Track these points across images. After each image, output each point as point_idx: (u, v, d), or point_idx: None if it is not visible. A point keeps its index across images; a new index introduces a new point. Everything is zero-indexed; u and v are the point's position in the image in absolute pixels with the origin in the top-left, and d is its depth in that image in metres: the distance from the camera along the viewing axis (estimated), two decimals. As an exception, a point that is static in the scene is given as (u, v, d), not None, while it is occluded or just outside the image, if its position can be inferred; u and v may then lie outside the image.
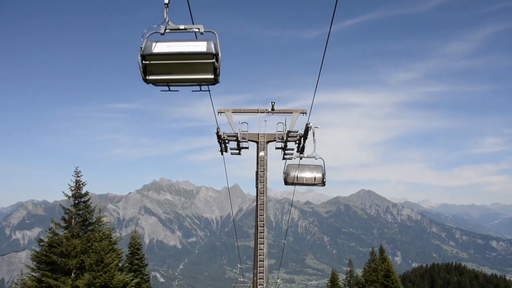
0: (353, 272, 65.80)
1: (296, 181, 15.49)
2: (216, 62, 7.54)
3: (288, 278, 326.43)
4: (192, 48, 7.47)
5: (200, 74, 7.70)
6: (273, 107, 16.82)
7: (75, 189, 23.14)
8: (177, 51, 7.43)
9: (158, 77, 7.76)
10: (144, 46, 7.43)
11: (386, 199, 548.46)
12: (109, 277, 21.04)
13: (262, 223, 16.03)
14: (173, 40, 7.49)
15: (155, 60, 7.49)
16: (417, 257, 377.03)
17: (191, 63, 7.52)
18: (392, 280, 45.90)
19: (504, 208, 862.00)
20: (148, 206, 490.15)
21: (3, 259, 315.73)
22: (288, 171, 15.71)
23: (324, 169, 15.58)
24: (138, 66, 7.57)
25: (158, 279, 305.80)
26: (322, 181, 15.51)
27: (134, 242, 35.25)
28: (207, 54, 7.41)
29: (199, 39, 7.52)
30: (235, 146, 17.02)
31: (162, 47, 7.42)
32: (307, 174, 15.53)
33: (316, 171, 15.54)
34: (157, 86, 7.96)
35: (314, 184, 15.57)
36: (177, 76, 7.78)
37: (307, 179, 15.50)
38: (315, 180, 15.47)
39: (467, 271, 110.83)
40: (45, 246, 22.09)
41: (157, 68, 7.63)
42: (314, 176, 15.48)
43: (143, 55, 7.46)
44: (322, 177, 15.48)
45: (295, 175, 15.48)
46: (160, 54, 7.41)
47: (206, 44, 7.41)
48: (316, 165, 15.60)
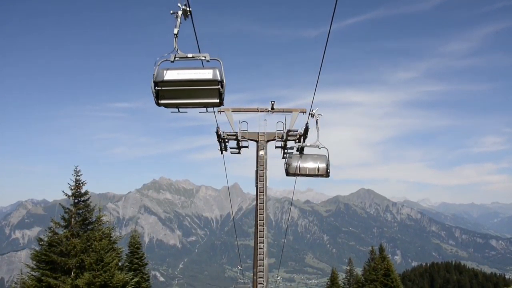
0: (352, 271, 65.81)
1: (298, 172, 14.54)
2: (221, 88, 8.39)
3: (288, 277, 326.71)
4: (200, 76, 8.31)
5: (207, 98, 8.53)
6: (273, 106, 16.81)
7: (75, 188, 23.13)
8: (186, 78, 8.27)
9: (169, 101, 8.62)
10: (156, 73, 8.25)
11: (385, 198, 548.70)
12: (109, 276, 21.03)
13: (262, 222, 16.03)
14: (182, 68, 8.32)
15: (167, 86, 8.31)
16: (416, 256, 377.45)
17: (199, 89, 8.35)
18: (391, 279, 45.93)
19: (503, 207, 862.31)
20: (148, 205, 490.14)
21: (3, 258, 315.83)
22: (290, 161, 14.75)
23: (328, 159, 14.60)
24: (151, 91, 8.39)
25: (158, 278, 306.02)
26: (326, 171, 14.55)
27: (134, 241, 35.25)
28: (213, 81, 8.23)
29: (205, 67, 8.39)
30: (235, 145, 17.02)
31: (173, 75, 8.27)
32: (310, 164, 14.54)
33: (319, 161, 14.57)
34: (168, 109, 8.78)
35: (318, 175, 14.60)
36: (186, 101, 8.65)
37: (310, 170, 14.52)
38: (319, 170, 14.52)
39: (467, 270, 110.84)
40: (44, 245, 22.07)
41: (168, 93, 8.46)
42: (317, 166, 14.52)
43: (155, 81, 8.30)
44: (326, 167, 14.53)
45: (297, 166, 14.53)
46: (171, 81, 8.26)
47: (212, 72, 8.24)
48: (319, 154, 14.66)
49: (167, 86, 8.35)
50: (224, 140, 16.57)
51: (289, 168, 14.64)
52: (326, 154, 14.51)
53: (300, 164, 14.48)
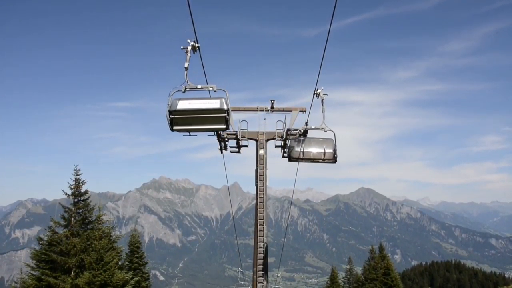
0: (352, 270, 65.87)
1: (302, 157, 13.24)
2: (227, 115, 9.76)
3: (288, 276, 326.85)
4: (208, 105, 9.70)
5: (214, 124, 9.93)
6: (272, 105, 16.79)
7: (75, 188, 23.11)
8: (197, 107, 9.63)
9: (182, 127, 10.04)
10: (170, 103, 9.66)
11: (385, 197, 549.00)
12: (108, 276, 21.04)
13: (261, 221, 16.04)
14: (193, 98, 9.73)
15: (179, 115, 9.68)
16: (416, 255, 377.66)
17: (208, 117, 9.73)
18: (391, 278, 45.99)
19: (503, 206, 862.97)
20: (147, 204, 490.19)
21: (3, 257, 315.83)
22: (292, 145, 13.43)
23: (335, 143, 13.35)
24: (166, 119, 9.81)
25: (158, 277, 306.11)
26: (333, 156, 13.27)
27: (133, 240, 35.25)
28: (220, 109, 9.62)
29: (213, 97, 9.82)
30: (235, 145, 17.01)
31: (185, 105, 9.64)
32: (315, 149, 13.27)
33: (326, 145, 13.27)
34: (181, 133, 10.32)
35: (324, 160, 13.29)
36: (196, 126, 10.06)
37: (315, 155, 13.22)
38: (325, 155, 13.19)
39: (467, 268, 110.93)
40: (44, 244, 22.07)
41: (181, 120, 9.83)
42: (323, 151, 13.19)
43: (170, 111, 9.68)
44: (333, 152, 13.25)
45: (300, 150, 13.22)
46: (183, 110, 9.64)
47: (219, 102, 9.64)
48: (325, 138, 13.44)
49: (180, 115, 9.68)
50: (224, 140, 16.56)
51: (292, 152, 13.38)
52: (332, 137, 13.36)
53: (304, 148, 13.22)
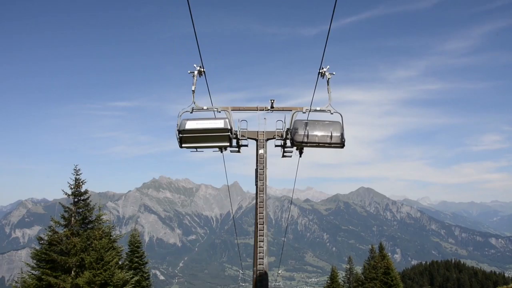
0: (352, 269, 65.90)
1: (306, 140, 12.25)
2: (230, 134, 11.46)
3: (288, 276, 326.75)
4: (214, 125, 11.29)
5: (219, 142, 11.53)
6: (272, 105, 16.78)
7: (75, 187, 23.09)
8: (203, 127, 11.14)
9: (190, 144, 11.55)
10: (180, 123, 11.15)
11: (385, 197, 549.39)
12: (109, 275, 21.05)
13: (262, 220, 16.03)
14: (200, 118, 11.16)
15: (188, 134, 11.18)
16: (416, 254, 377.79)
17: (213, 135, 11.23)
18: (391, 277, 45.99)
19: (503, 205, 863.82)
20: (147, 204, 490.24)
21: (3, 257, 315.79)
22: (296, 128, 12.44)
23: (342, 126, 12.32)
24: (176, 137, 11.20)
25: (158, 276, 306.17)
26: (341, 140, 12.24)
27: (134, 240, 35.22)
28: (224, 129, 11.28)
29: (217, 117, 11.38)
30: (235, 144, 17.01)
31: (193, 125, 11.13)
32: (321, 132, 12.26)
33: (332, 128, 12.27)
34: (188, 149, 11.65)
35: (330, 144, 12.24)
36: (203, 144, 11.53)
37: (320, 138, 12.22)
38: (331, 139, 12.17)
39: (466, 268, 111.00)
40: (45, 244, 22.06)
41: (189, 138, 11.32)
42: (329, 134, 12.18)
43: (179, 130, 11.15)
44: (340, 136, 12.20)
45: (304, 133, 12.23)
46: (191, 130, 11.13)
47: (223, 122, 11.35)
48: (332, 121, 12.48)
49: (188, 134, 11.17)
50: (223, 139, 16.57)
51: (295, 135, 12.39)
52: (339, 120, 12.33)
53: (308, 131, 12.16)
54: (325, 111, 12.00)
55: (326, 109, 12.04)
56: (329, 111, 12.02)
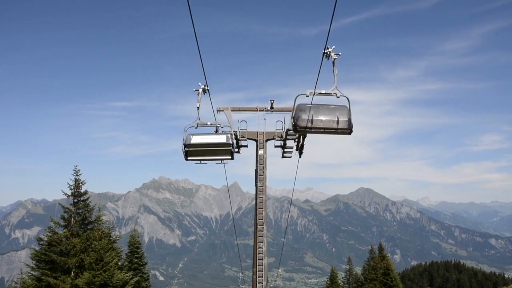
0: (352, 270, 65.86)
1: (310, 125, 11.02)
2: (232, 148, 12.27)
3: (288, 276, 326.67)
4: (217, 140, 12.20)
5: (221, 155, 12.46)
6: (272, 105, 16.79)
7: (74, 188, 23.06)
8: (207, 142, 12.05)
9: (195, 157, 12.50)
10: (185, 138, 12.15)
11: (385, 197, 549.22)
12: (108, 276, 21.02)
13: (261, 221, 16.02)
14: (204, 133, 12.20)
15: (193, 148, 12.10)
16: (416, 255, 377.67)
17: (216, 149, 12.14)
18: (391, 278, 45.98)
19: (503, 205, 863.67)
20: (147, 204, 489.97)
21: (3, 258, 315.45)
22: (299, 113, 11.14)
23: (349, 110, 11.34)
24: (181, 151, 12.15)
25: (157, 277, 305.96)
26: (348, 125, 11.24)
27: (133, 240, 35.20)
28: (226, 143, 12.16)
29: (220, 133, 12.35)
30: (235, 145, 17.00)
31: (197, 139, 12.05)
32: (326, 117, 11.12)
33: (339, 113, 11.16)
34: (193, 161, 12.63)
35: (337, 130, 11.14)
36: (207, 157, 12.46)
37: (326, 123, 11.07)
38: (338, 124, 11.07)
39: (466, 268, 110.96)
40: (44, 244, 22.02)
41: (194, 152, 12.24)
42: (336, 119, 11.07)
43: (185, 144, 12.09)
44: (348, 120, 11.20)
45: (309, 118, 10.99)
46: (196, 144, 12.05)
47: (226, 137, 12.28)
48: (338, 105, 11.40)
49: (193, 148, 12.08)
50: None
51: (298, 121, 11.11)
52: (347, 104, 11.30)
53: (313, 116, 10.97)
54: (331, 95, 10.69)
55: (332, 93, 10.67)
56: (335, 95, 10.70)
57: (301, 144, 16.43)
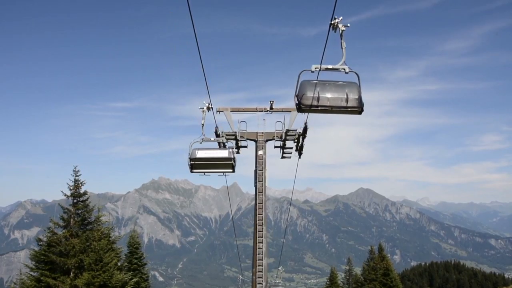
0: (352, 270, 65.82)
1: (317, 104, 9.44)
2: (234, 162, 13.40)
3: (287, 277, 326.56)
4: (220, 154, 13.37)
5: (223, 169, 13.61)
6: (272, 106, 16.79)
7: (74, 188, 23.03)
8: (211, 156, 13.23)
9: (199, 170, 13.73)
10: (191, 152, 13.29)
11: (384, 198, 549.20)
12: (108, 276, 20.99)
13: (261, 222, 16.01)
14: (208, 148, 13.46)
15: (197, 161, 13.28)
16: (416, 255, 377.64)
17: (219, 163, 13.33)
18: (391, 279, 45.97)
19: (503, 206, 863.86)
20: (147, 205, 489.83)
21: (2, 258, 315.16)
22: (304, 90, 9.50)
23: (359, 86, 9.69)
24: (187, 164, 13.36)
25: (157, 278, 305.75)
26: (359, 103, 9.55)
27: (133, 241, 35.15)
28: (228, 158, 13.30)
29: (222, 148, 13.65)
30: (234, 145, 17.00)
31: (202, 154, 13.21)
32: (334, 94, 9.51)
33: (348, 90, 9.53)
34: (198, 173, 14.02)
35: (346, 108, 9.53)
36: (210, 170, 13.67)
37: (334, 101, 9.45)
38: (347, 102, 9.46)
39: (466, 269, 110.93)
40: (44, 245, 21.98)
41: (198, 165, 13.43)
42: (345, 96, 9.45)
43: (190, 158, 13.23)
44: (358, 98, 9.53)
45: (314, 95, 9.39)
46: (201, 158, 13.22)
47: (227, 152, 13.46)
48: (346, 81, 9.78)
49: (198, 161, 13.23)
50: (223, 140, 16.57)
51: (303, 99, 9.49)
52: (356, 81, 9.72)
53: (319, 93, 9.40)
54: (339, 70, 9.22)
55: (340, 68, 9.25)
56: (343, 70, 9.28)
57: (301, 144, 16.44)
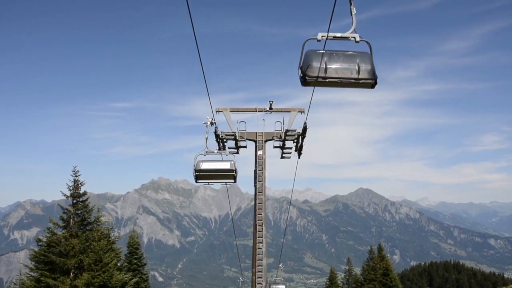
0: (351, 270, 65.87)
1: (324, 75, 7.89)
2: (235, 174, 14.49)
3: (287, 277, 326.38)
4: (222, 166, 14.42)
5: (226, 179, 14.82)
6: (271, 106, 16.81)
7: (74, 189, 23.04)
8: (214, 168, 14.31)
9: (204, 180, 14.77)
10: (196, 164, 14.29)
11: (384, 198, 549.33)
12: (107, 277, 21.00)
13: (260, 222, 16.03)
14: (211, 160, 14.54)
15: (202, 173, 14.37)
16: (415, 255, 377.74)
17: (222, 174, 14.51)
18: (390, 279, 45.99)
19: (502, 206, 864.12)
20: (146, 205, 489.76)
21: (2, 259, 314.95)
22: (310, 60, 7.95)
23: (371, 57, 8.17)
24: (193, 175, 14.46)
25: (157, 278, 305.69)
26: (372, 75, 7.98)
27: (132, 241, 35.17)
28: (230, 169, 14.38)
29: (224, 160, 14.62)
30: (234, 145, 17.02)
31: (206, 165, 14.28)
32: (344, 64, 7.97)
33: (360, 59, 7.97)
34: (202, 184, 15.12)
35: (358, 80, 7.96)
36: (213, 180, 14.80)
37: (343, 72, 7.91)
38: (359, 73, 7.89)
39: (466, 269, 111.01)
40: (43, 245, 21.99)
41: (203, 176, 14.54)
42: (356, 67, 7.88)
43: (195, 169, 14.26)
44: (371, 69, 7.98)
45: (321, 66, 7.89)
46: (205, 170, 14.30)
47: (229, 164, 14.41)
48: (356, 52, 8.17)
49: (202, 173, 14.33)
50: (222, 140, 16.60)
51: (308, 70, 7.93)
52: (368, 50, 8.24)
53: (326, 64, 7.90)
54: (348, 39, 7.89)
55: (350, 36, 7.85)
56: (353, 39, 7.86)
57: (300, 144, 16.45)
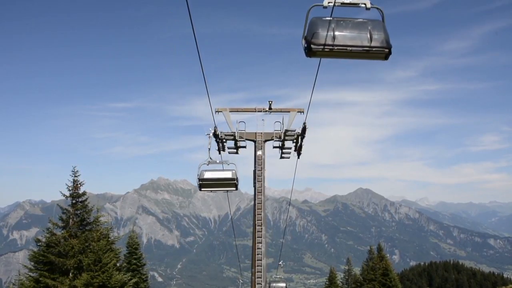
0: (351, 270, 65.94)
1: (332, 42, 6.87)
2: (236, 182, 14.93)
3: (286, 277, 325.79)
4: (224, 175, 14.89)
5: (228, 187, 15.20)
6: (270, 106, 16.80)
7: (73, 189, 23.02)
8: (216, 177, 14.83)
9: (207, 188, 15.35)
10: (199, 173, 14.73)
11: (384, 198, 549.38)
12: (107, 277, 20.99)
13: (260, 222, 16.02)
14: (214, 169, 14.99)
15: (205, 181, 14.86)
16: (415, 255, 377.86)
17: (224, 182, 14.95)
18: (390, 279, 46.05)
19: (502, 206, 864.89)
20: (145, 205, 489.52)
21: (1, 259, 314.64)
22: (316, 28, 7.03)
23: (384, 24, 7.14)
24: (197, 184, 14.91)
25: (156, 278, 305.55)
26: (386, 44, 6.87)
27: (132, 241, 35.18)
28: (232, 178, 14.80)
29: (226, 169, 15.05)
30: (233, 145, 17.02)
31: (209, 175, 14.79)
32: (354, 32, 6.95)
33: (371, 27, 6.97)
34: (205, 191, 15.82)
35: (370, 49, 6.79)
36: (216, 188, 15.46)
37: (354, 40, 6.86)
38: (371, 41, 6.86)
39: (465, 269, 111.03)
40: (42, 246, 21.97)
41: (206, 184, 15.03)
42: (367, 35, 6.90)
43: (199, 178, 14.72)
44: (384, 38, 6.92)
45: (328, 34, 6.90)
46: (208, 178, 14.78)
47: (231, 173, 14.83)
48: (366, 19, 7.21)
49: (205, 181, 14.83)
50: (222, 140, 16.59)
51: (314, 38, 6.93)
52: (380, 18, 7.22)
53: (334, 31, 6.91)
54: (358, 6, 7.03)
55: (360, 3, 7.01)
56: (364, 6, 6.99)
57: (300, 144, 16.45)
